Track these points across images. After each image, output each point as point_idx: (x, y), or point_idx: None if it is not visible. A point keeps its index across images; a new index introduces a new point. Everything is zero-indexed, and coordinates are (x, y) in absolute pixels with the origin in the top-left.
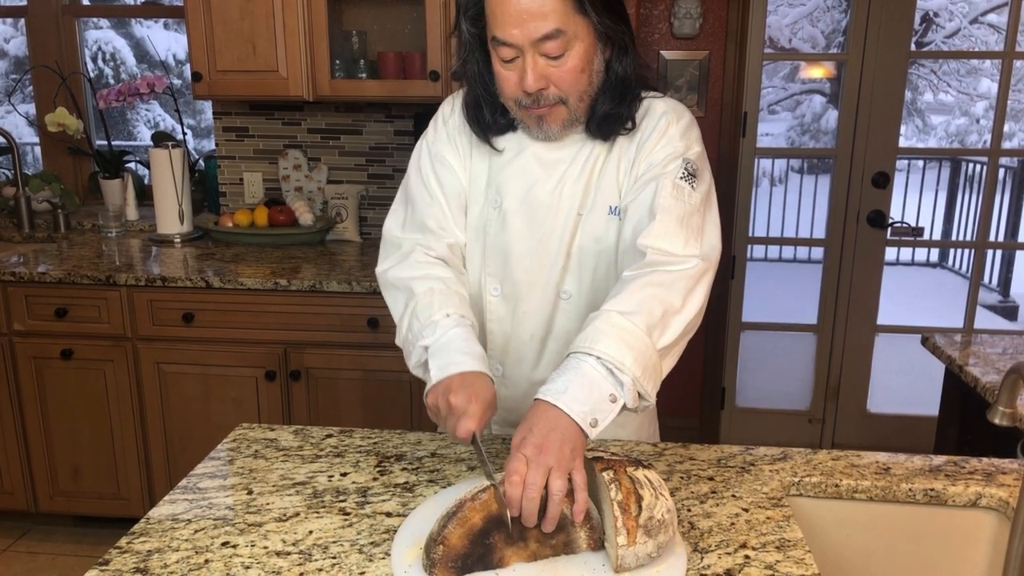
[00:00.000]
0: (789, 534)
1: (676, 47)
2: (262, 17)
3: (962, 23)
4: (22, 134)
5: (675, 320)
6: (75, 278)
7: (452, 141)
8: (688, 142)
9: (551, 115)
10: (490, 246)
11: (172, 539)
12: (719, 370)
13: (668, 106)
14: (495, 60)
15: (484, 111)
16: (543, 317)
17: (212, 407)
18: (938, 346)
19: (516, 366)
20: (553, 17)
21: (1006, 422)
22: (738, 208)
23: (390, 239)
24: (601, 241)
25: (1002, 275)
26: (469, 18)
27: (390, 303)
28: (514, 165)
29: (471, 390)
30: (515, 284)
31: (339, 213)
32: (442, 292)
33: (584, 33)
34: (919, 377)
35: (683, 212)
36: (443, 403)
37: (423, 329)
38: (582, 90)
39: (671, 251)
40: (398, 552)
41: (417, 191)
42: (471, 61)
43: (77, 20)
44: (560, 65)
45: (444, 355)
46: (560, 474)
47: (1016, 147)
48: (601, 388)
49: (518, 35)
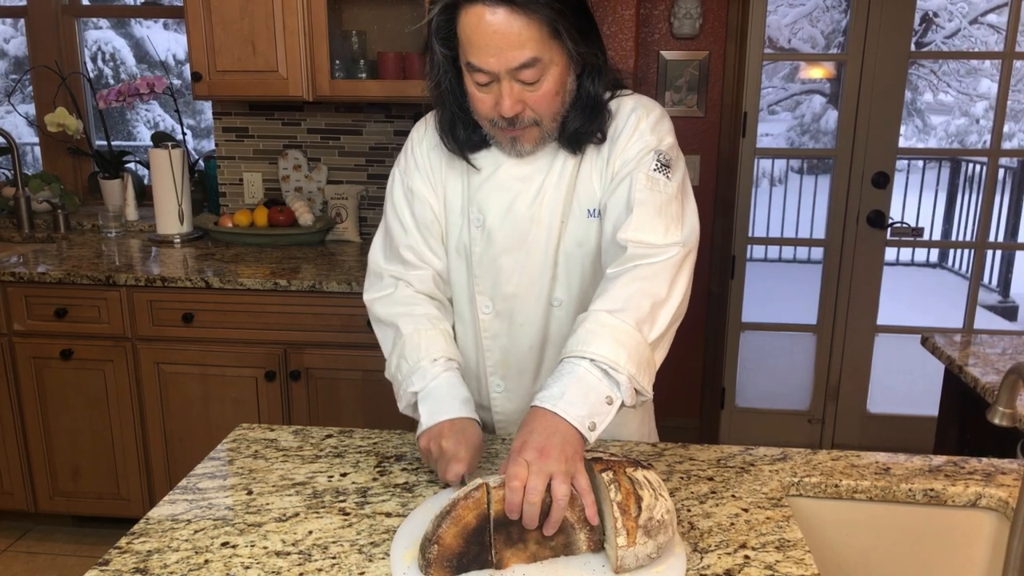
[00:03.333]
0: (789, 534)
1: (676, 47)
2: (262, 17)
3: (962, 23)
4: (22, 134)
5: (663, 311)
6: (75, 278)
7: (422, 169)
8: (660, 135)
9: (525, 135)
10: (477, 264)
11: (172, 539)
12: (719, 370)
13: (636, 102)
14: (469, 83)
15: (459, 129)
16: (538, 327)
17: (212, 407)
18: (938, 346)
19: (517, 379)
20: (530, 46)
21: (1006, 422)
22: (738, 208)
23: (375, 269)
24: (584, 245)
25: (1002, 275)
26: (441, 39)
27: (379, 336)
28: (492, 182)
29: (461, 436)
30: (507, 299)
31: (339, 213)
32: (428, 333)
33: (559, 58)
34: (919, 377)
35: (660, 202)
36: (435, 447)
37: (412, 374)
38: (556, 111)
39: (652, 242)
40: (397, 552)
41: (393, 223)
42: (444, 81)
43: (77, 20)
44: (535, 90)
45: (433, 401)
46: (563, 479)
47: (1016, 147)
48: (597, 391)
49: (495, 63)
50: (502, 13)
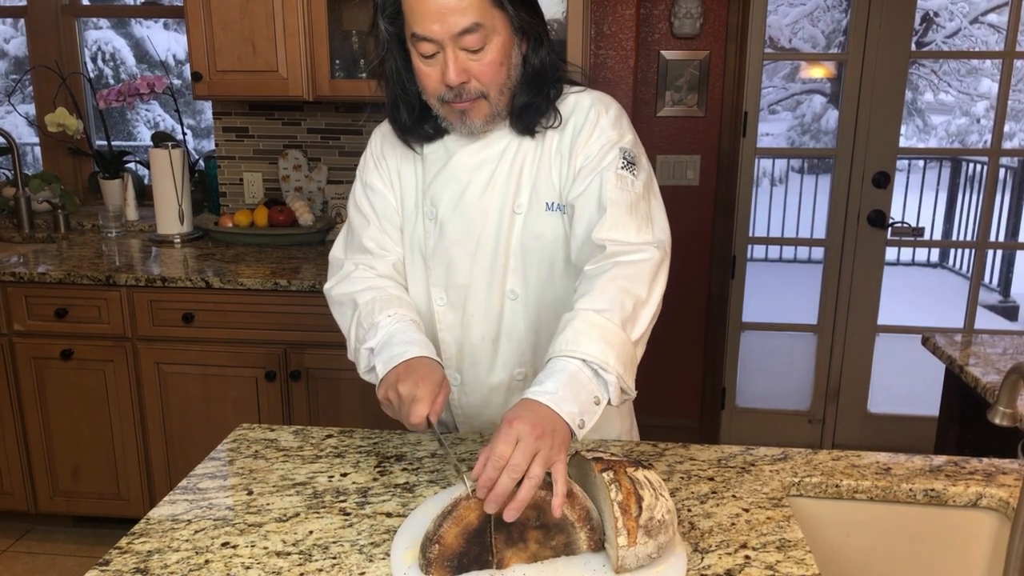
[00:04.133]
0: (789, 534)
1: (676, 47)
2: (262, 17)
3: (962, 23)
4: (22, 134)
5: (644, 311)
6: (75, 278)
7: (378, 167)
8: (620, 131)
9: (473, 109)
10: (430, 256)
11: (172, 539)
12: (719, 370)
13: (594, 98)
14: (415, 57)
15: (402, 111)
16: (492, 318)
17: (212, 407)
18: (938, 346)
19: (472, 370)
20: (471, 12)
21: (1006, 422)
22: (738, 208)
23: (335, 262)
24: (542, 238)
25: (1002, 275)
26: (387, 17)
27: (338, 319)
28: (443, 174)
29: (416, 375)
30: (459, 288)
31: (339, 213)
32: (383, 299)
33: (501, 27)
34: (919, 377)
35: (630, 201)
36: (392, 394)
37: (366, 333)
38: (502, 83)
39: (626, 240)
40: (398, 553)
41: (355, 218)
42: (389, 60)
43: (77, 20)
44: (480, 59)
45: (387, 351)
46: (543, 462)
47: (1016, 147)
48: (587, 390)
49: (438, 30)
50: None
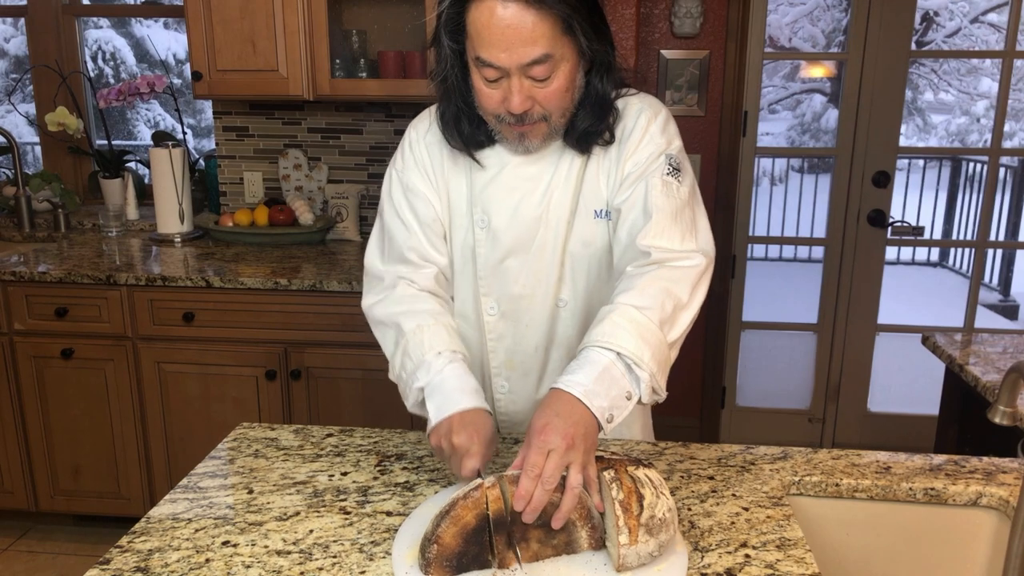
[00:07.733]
0: (789, 533)
1: (676, 46)
2: (262, 17)
3: (962, 22)
4: (22, 134)
5: (683, 315)
6: (75, 278)
7: (421, 167)
8: (668, 137)
9: (533, 131)
10: (482, 266)
11: (173, 538)
12: (719, 369)
13: (644, 103)
14: (476, 77)
15: (464, 124)
16: (544, 328)
17: (212, 406)
18: (938, 345)
19: (522, 380)
20: (543, 42)
21: (1006, 421)
22: (738, 207)
23: (373, 272)
24: (590, 245)
25: (1002, 274)
26: (449, 32)
27: (380, 339)
28: (497, 183)
29: (472, 428)
30: (513, 300)
31: (339, 213)
32: (431, 328)
33: (570, 54)
34: (919, 376)
35: (675, 208)
36: (446, 444)
37: (416, 370)
38: (565, 107)
39: (671, 247)
40: (399, 552)
41: (392, 223)
42: (450, 76)
43: (77, 19)
44: (546, 87)
45: (440, 395)
46: (579, 469)
47: (1017, 146)
48: (619, 385)
49: (505, 59)
50: (514, 7)
